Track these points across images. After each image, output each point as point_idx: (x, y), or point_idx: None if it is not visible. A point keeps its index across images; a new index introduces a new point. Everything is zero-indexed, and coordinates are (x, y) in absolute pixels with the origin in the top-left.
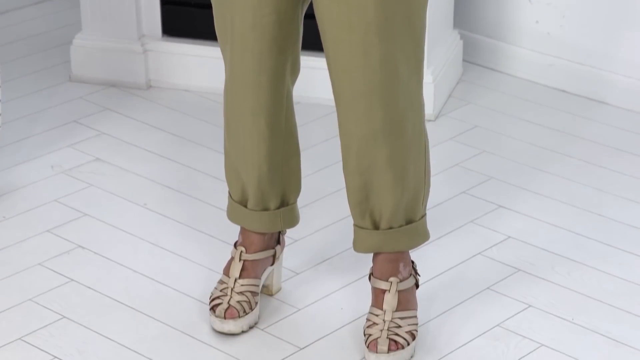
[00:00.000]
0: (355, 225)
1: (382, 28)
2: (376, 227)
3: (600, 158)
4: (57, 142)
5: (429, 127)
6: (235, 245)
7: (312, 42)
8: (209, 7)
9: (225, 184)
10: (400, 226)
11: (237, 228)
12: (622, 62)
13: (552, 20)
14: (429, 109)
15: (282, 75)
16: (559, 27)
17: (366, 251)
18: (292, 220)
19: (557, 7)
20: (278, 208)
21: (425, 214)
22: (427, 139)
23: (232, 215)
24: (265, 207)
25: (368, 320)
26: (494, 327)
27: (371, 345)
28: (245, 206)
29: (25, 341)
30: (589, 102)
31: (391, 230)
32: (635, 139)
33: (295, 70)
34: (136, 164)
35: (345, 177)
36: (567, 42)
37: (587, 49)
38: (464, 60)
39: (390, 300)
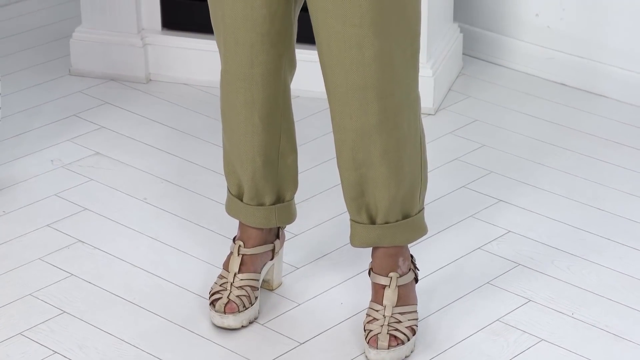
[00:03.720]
0: (351, 220)
1: (377, 21)
2: (372, 222)
3: (599, 151)
4: (57, 136)
5: (428, 120)
6: (234, 239)
7: (309, 36)
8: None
9: (225, 178)
10: (397, 221)
11: (237, 222)
12: (622, 55)
13: (552, 13)
14: (428, 103)
15: (277, 69)
16: (559, 20)
17: (363, 246)
18: (288, 217)
19: (557, 0)
20: (273, 204)
21: (422, 209)
22: (423, 133)
23: (229, 209)
24: (260, 202)
25: (368, 315)
26: (493, 321)
27: (371, 340)
28: (242, 200)
29: (25, 336)
30: (589, 95)
31: (387, 225)
32: (634, 132)
33: (292, 66)
34: (136, 158)
35: (340, 172)
36: (567, 35)
37: (587, 42)
38: (463, 53)
39: (390, 296)
